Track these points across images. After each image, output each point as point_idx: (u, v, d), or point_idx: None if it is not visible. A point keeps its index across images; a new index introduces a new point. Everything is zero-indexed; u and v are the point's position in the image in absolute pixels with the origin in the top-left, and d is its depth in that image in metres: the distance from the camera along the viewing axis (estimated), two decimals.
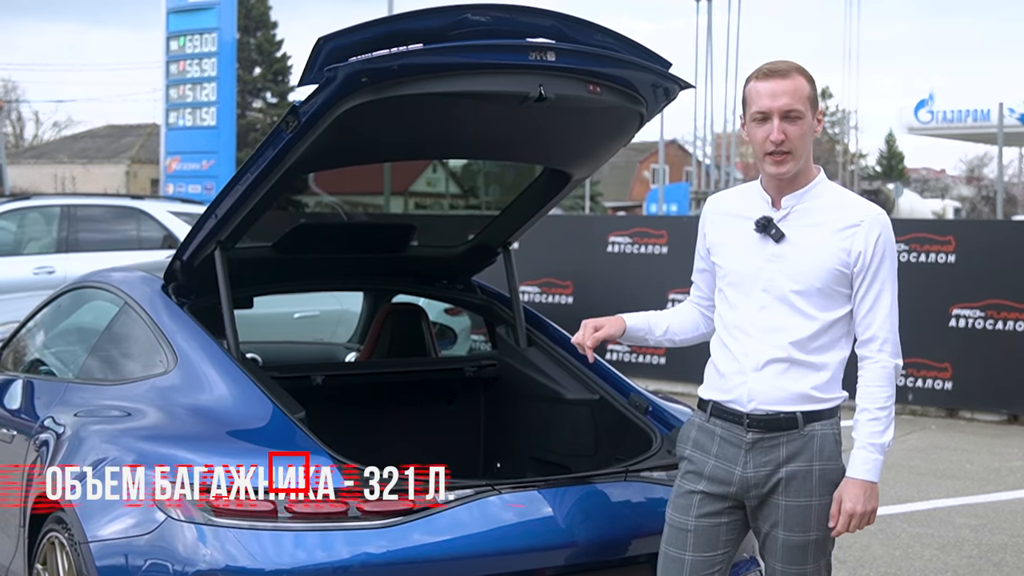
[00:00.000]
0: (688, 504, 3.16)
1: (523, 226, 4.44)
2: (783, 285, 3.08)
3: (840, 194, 3.15)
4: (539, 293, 12.09)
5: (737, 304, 3.14)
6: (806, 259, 3.06)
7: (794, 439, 3.08)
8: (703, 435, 3.18)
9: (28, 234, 12.36)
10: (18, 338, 4.91)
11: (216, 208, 3.71)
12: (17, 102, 54.10)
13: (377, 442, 4.34)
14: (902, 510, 6.97)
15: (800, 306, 3.07)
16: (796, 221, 3.09)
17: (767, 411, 3.08)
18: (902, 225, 11.66)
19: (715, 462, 3.14)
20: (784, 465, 3.08)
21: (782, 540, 3.09)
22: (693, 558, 3.14)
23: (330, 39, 3.23)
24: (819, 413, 3.11)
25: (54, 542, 3.54)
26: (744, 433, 3.10)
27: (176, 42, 20.24)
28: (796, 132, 3.04)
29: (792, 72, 3.06)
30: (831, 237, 3.06)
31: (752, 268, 3.12)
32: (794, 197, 3.10)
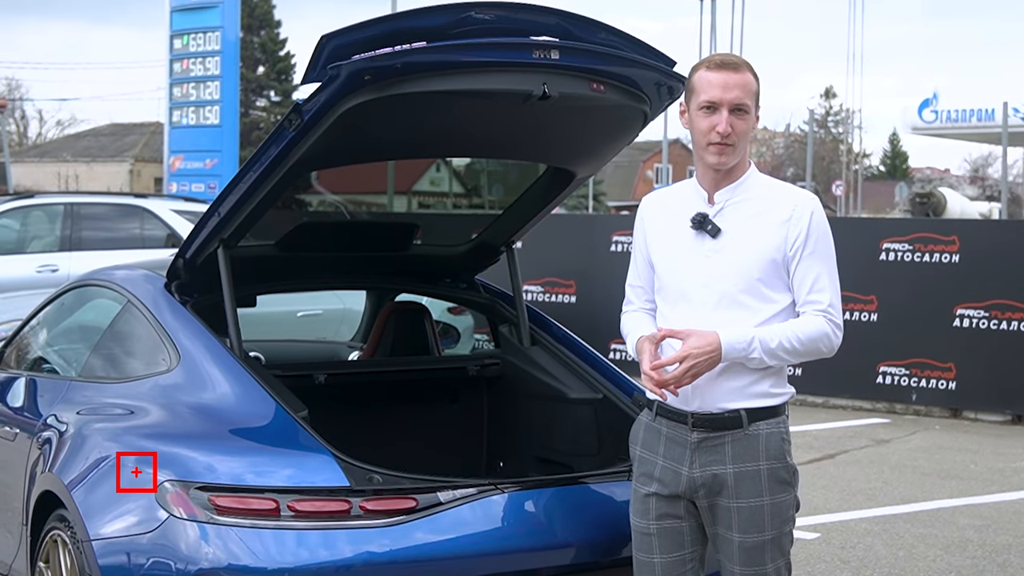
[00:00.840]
0: (646, 508, 3.17)
1: (526, 225, 4.43)
2: (722, 280, 3.09)
3: (771, 185, 3.19)
4: (542, 292, 12.08)
5: (677, 303, 3.15)
6: (744, 252, 3.08)
7: (739, 438, 3.08)
8: (650, 435, 3.19)
9: (31, 232, 12.37)
10: (21, 336, 4.91)
11: (219, 206, 3.71)
12: (21, 100, 54.21)
13: (380, 441, 4.34)
14: (906, 510, 6.96)
15: (740, 300, 3.08)
16: (732, 214, 3.12)
17: (711, 410, 3.08)
18: (906, 225, 11.66)
19: (663, 462, 3.14)
20: (730, 464, 3.07)
21: (738, 543, 3.08)
22: (662, 560, 3.16)
23: (333, 37, 3.23)
24: (764, 411, 3.10)
25: (56, 540, 3.54)
26: (689, 432, 3.10)
27: (180, 41, 20.24)
28: (742, 126, 3.08)
29: (743, 66, 3.11)
30: (766, 228, 3.09)
31: (691, 266, 3.13)
32: (728, 191, 3.13)
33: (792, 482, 3.14)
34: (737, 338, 3.01)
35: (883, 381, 10.30)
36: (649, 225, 3.25)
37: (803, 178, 46.22)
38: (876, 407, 10.34)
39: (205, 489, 3.20)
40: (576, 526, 3.45)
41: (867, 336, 10.33)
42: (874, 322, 10.36)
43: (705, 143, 3.09)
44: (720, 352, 3.01)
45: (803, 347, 3.06)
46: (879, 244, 10.36)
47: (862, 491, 7.45)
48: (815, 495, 7.28)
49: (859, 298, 10.41)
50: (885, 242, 10.35)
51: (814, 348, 3.08)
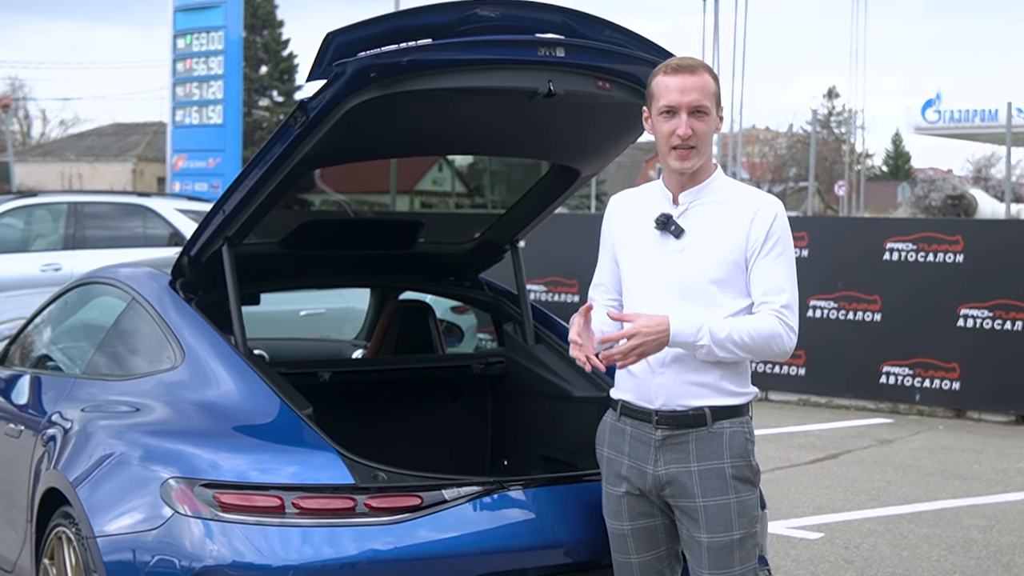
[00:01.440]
0: (619, 509, 3.20)
1: (531, 223, 4.44)
2: (684, 280, 3.10)
3: (735, 187, 3.20)
4: (545, 292, 12.08)
5: (640, 302, 3.16)
6: (706, 253, 3.10)
7: (703, 436, 3.09)
8: (615, 435, 3.21)
9: (35, 231, 12.38)
10: (25, 334, 4.91)
11: (224, 204, 3.71)
12: (24, 100, 54.23)
13: (384, 439, 4.34)
14: (910, 511, 6.95)
15: (702, 299, 3.09)
16: (695, 216, 3.13)
17: (675, 408, 3.10)
18: (910, 224, 11.65)
19: (629, 462, 3.16)
20: (695, 462, 3.08)
21: (706, 544, 3.07)
22: (640, 560, 3.19)
23: (339, 34, 3.23)
24: (728, 409, 3.11)
25: (61, 537, 3.54)
26: (653, 431, 3.12)
27: (183, 40, 20.27)
28: (702, 128, 3.09)
29: (700, 68, 3.11)
30: (729, 230, 3.10)
31: (654, 265, 3.15)
32: (692, 192, 3.14)
33: (755, 481, 3.15)
34: (686, 324, 3.02)
35: (887, 381, 10.29)
36: (615, 224, 3.29)
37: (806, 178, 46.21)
38: (880, 407, 10.33)
39: (210, 486, 3.20)
40: (579, 525, 3.45)
41: (871, 336, 10.33)
42: (878, 322, 10.35)
43: (668, 147, 3.11)
44: (668, 334, 3.00)
45: (754, 343, 3.05)
46: (883, 244, 10.36)
47: (866, 491, 7.45)
48: (819, 495, 7.28)
49: (863, 298, 10.41)
50: (889, 242, 10.34)
51: (765, 346, 3.06)
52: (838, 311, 10.52)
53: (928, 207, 25.98)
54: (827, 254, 10.58)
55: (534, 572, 3.40)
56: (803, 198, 48.48)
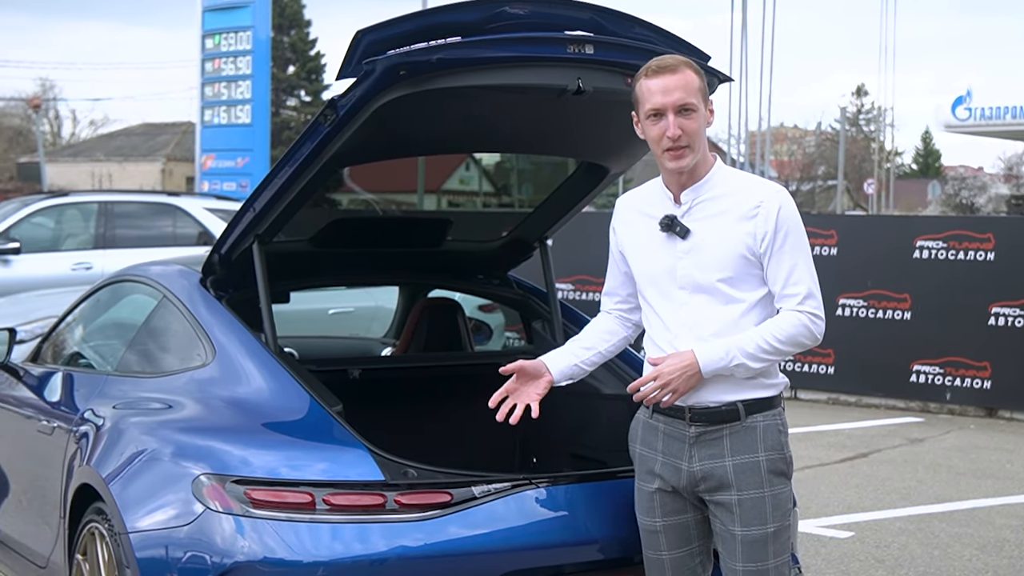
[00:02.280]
0: (652, 506, 3.21)
1: (560, 220, 4.43)
2: (697, 279, 3.11)
3: (736, 179, 3.17)
4: (573, 290, 12.07)
5: (658, 304, 3.18)
6: (714, 250, 3.09)
7: (737, 431, 3.10)
8: (648, 432, 3.23)
9: (66, 230, 12.48)
10: (57, 332, 4.95)
11: (254, 202, 3.72)
12: (55, 100, 54.64)
13: (413, 436, 4.34)
14: (941, 510, 6.91)
15: (718, 295, 3.10)
16: (699, 214, 3.13)
17: (708, 404, 3.11)
18: (941, 222, 11.57)
19: (663, 459, 3.18)
20: (729, 457, 3.09)
21: (740, 536, 3.08)
22: (671, 556, 3.20)
23: (368, 32, 3.23)
24: (760, 402, 3.12)
25: (94, 533, 3.56)
26: (687, 428, 3.13)
27: (211, 40, 20.38)
28: (691, 126, 3.07)
29: (681, 66, 3.10)
30: (734, 225, 3.09)
31: (665, 267, 3.16)
32: (693, 191, 3.13)
33: (789, 473, 3.16)
34: (713, 353, 3.05)
35: (917, 380, 10.23)
36: (621, 228, 3.30)
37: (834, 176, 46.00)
38: (910, 406, 10.27)
39: (241, 483, 3.21)
40: (610, 522, 3.44)
41: (901, 334, 10.27)
42: (908, 320, 10.29)
43: (661, 150, 3.10)
44: (698, 368, 3.05)
45: (783, 345, 3.07)
46: (913, 242, 10.29)
47: (896, 490, 7.40)
48: (848, 494, 7.24)
49: (893, 296, 10.35)
50: (919, 240, 10.28)
51: (795, 343, 3.08)
52: (868, 310, 10.46)
53: (959, 205, 25.81)
54: (857, 252, 10.52)
55: (563, 569, 3.39)
56: (832, 196, 48.24)
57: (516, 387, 3.38)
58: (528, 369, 3.39)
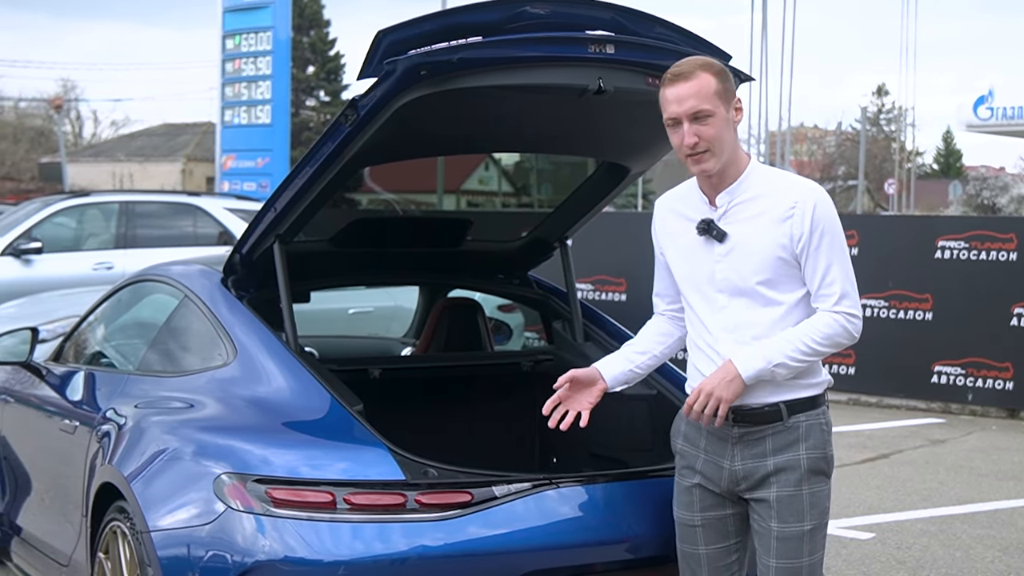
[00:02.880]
0: (691, 500, 3.22)
1: (580, 220, 4.43)
2: (736, 282, 3.11)
3: (772, 179, 3.15)
4: (592, 291, 12.06)
5: (698, 307, 3.19)
6: (752, 253, 3.09)
7: (779, 431, 3.11)
8: (692, 430, 3.24)
9: (87, 230, 12.53)
10: (79, 331, 4.97)
11: (275, 202, 3.73)
12: (76, 101, 54.92)
13: (434, 436, 4.34)
14: (963, 511, 6.87)
15: (758, 298, 3.10)
16: (734, 217, 3.12)
17: (751, 405, 3.11)
18: (962, 222, 11.51)
19: (705, 456, 3.19)
20: (771, 457, 3.10)
21: (776, 532, 3.09)
22: (707, 551, 3.21)
23: (389, 32, 3.23)
24: (802, 402, 3.12)
25: (116, 531, 3.58)
26: (731, 428, 3.14)
27: (232, 41, 20.44)
28: (709, 131, 3.06)
29: (695, 71, 3.07)
30: (771, 227, 3.08)
31: (704, 270, 3.16)
32: (728, 193, 3.12)
33: (829, 472, 3.15)
34: (752, 359, 3.06)
35: (938, 381, 10.18)
36: (660, 230, 3.30)
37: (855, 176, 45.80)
38: (931, 407, 10.22)
39: (262, 482, 3.22)
40: (630, 522, 3.44)
41: (922, 335, 10.22)
42: (929, 321, 10.24)
43: (683, 156, 3.12)
44: (737, 374, 3.05)
45: (821, 346, 3.07)
46: (935, 242, 10.24)
47: (917, 491, 7.37)
48: (870, 495, 7.21)
49: (914, 297, 10.30)
50: (941, 240, 10.23)
51: (833, 343, 3.09)
52: (889, 310, 10.42)
53: (981, 205, 25.66)
54: (877, 253, 10.48)
55: (584, 568, 3.39)
56: (852, 196, 48.04)
57: (569, 395, 3.40)
58: (581, 378, 3.41)
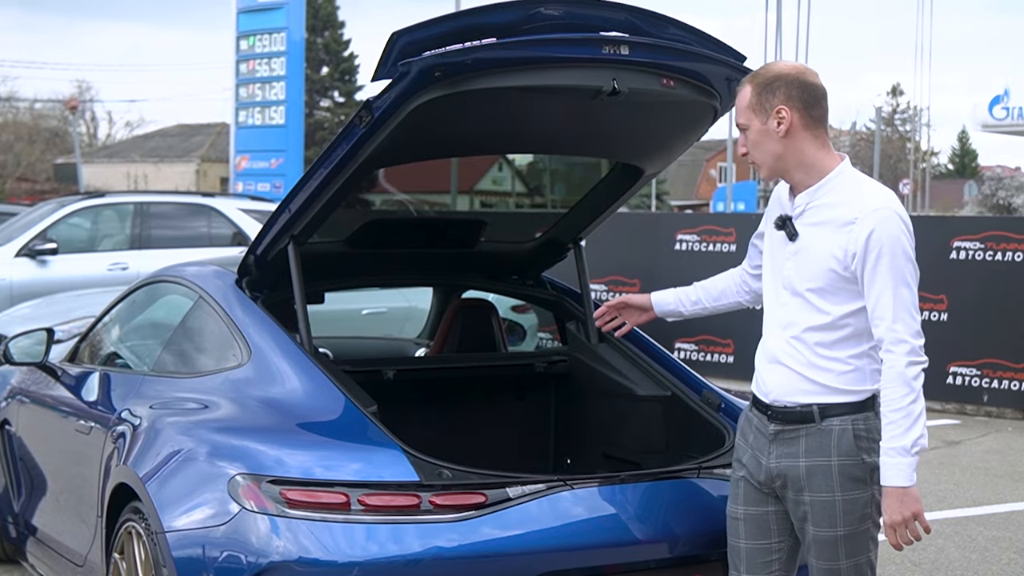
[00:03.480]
0: (736, 493, 3.27)
1: (594, 221, 4.43)
2: (796, 283, 3.14)
3: (851, 188, 3.11)
4: (606, 291, 12.05)
5: (768, 296, 3.27)
6: (811, 259, 3.11)
7: (812, 433, 3.11)
8: (746, 424, 3.30)
9: (102, 231, 12.56)
10: (94, 332, 4.99)
11: (290, 203, 3.74)
12: (91, 102, 55.11)
13: (448, 437, 4.35)
14: (978, 512, 6.85)
15: (813, 302, 3.11)
16: (809, 219, 3.14)
17: (785, 403, 3.14)
18: (978, 223, 11.47)
19: (750, 451, 3.24)
20: (803, 458, 3.11)
21: (812, 534, 3.12)
22: (747, 546, 3.23)
23: (404, 34, 3.23)
24: (837, 407, 3.11)
25: (131, 532, 3.59)
26: (768, 424, 3.18)
27: (246, 42, 20.47)
28: (748, 142, 3.17)
29: (743, 85, 3.20)
30: (829, 237, 3.08)
31: (776, 263, 3.22)
32: (807, 194, 3.14)
33: (867, 480, 3.11)
34: (896, 467, 3.00)
35: (953, 382, 10.14)
36: (767, 213, 3.35)
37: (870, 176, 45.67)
38: (946, 408, 10.18)
39: (276, 483, 3.22)
40: (644, 523, 3.44)
41: (937, 336, 10.16)
42: (944, 322, 10.21)
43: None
44: (903, 491, 3.00)
45: (907, 399, 2.99)
46: (950, 243, 10.20)
47: (932, 493, 7.34)
48: None
49: (929, 297, 10.25)
50: (956, 241, 10.19)
51: (911, 389, 3.00)
52: None
53: (996, 205, 25.54)
54: None
55: (598, 570, 3.39)
56: None
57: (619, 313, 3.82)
58: (634, 303, 3.79)
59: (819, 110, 3.12)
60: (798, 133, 3.10)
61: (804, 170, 3.13)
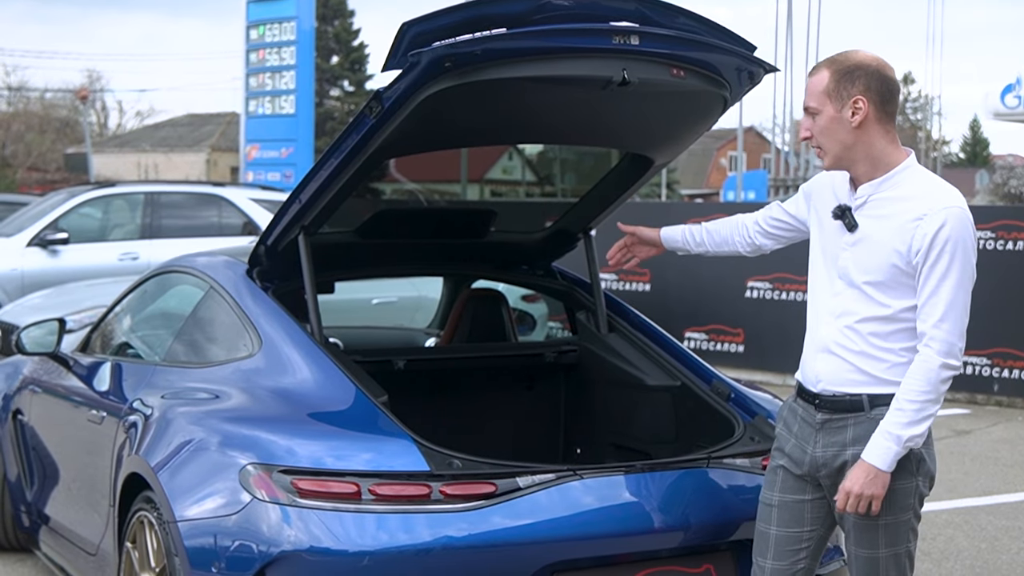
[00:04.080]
0: (773, 480, 3.26)
1: (604, 211, 4.43)
2: (854, 274, 3.11)
3: (921, 184, 3.08)
4: (616, 281, 12.04)
5: (816, 286, 3.24)
6: (872, 251, 3.08)
7: (861, 422, 3.10)
8: (790, 414, 3.28)
9: (113, 220, 12.60)
10: (106, 322, 5.01)
11: (300, 193, 3.74)
12: (102, 92, 55.16)
13: (458, 427, 4.36)
14: (988, 502, 6.84)
15: (870, 293, 3.09)
16: (871, 211, 3.11)
17: (834, 392, 3.13)
18: (986, 212, 11.43)
19: (794, 441, 3.23)
20: (850, 447, 3.10)
21: (852, 521, 3.12)
22: (778, 533, 3.23)
23: (414, 24, 3.24)
24: (886, 397, 3.09)
25: (143, 521, 3.61)
26: (815, 413, 3.17)
27: (256, 31, 20.47)
28: (815, 127, 3.13)
29: (819, 68, 3.14)
30: (894, 231, 3.05)
31: (831, 253, 3.19)
32: (872, 185, 3.11)
33: (913, 470, 3.10)
34: (879, 449, 3.00)
35: (964, 371, 10.11)
36: (814, 197, 3.32)
37: None
38: (956, 397, 10.17)
39: (288, 472, 3.23)
40: (654, 513, 3.44)
41: None
42: None
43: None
44: (876, 470, 3.00)
45: (927, 396, 2.99)
46: None
47: (942, 482, 7.33)
48: None
49: None
50: None
51: (935, 389, 3.00)
52: None
53: (1008, 194, 25.43)
54: None
55: (607, 559, 3.40)
56: None
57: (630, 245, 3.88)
58: (643, 236, 3.85)
59: (893, 105, 3.11)
60: (871, 126, 3.07)
61: (871, 162, 3.09)
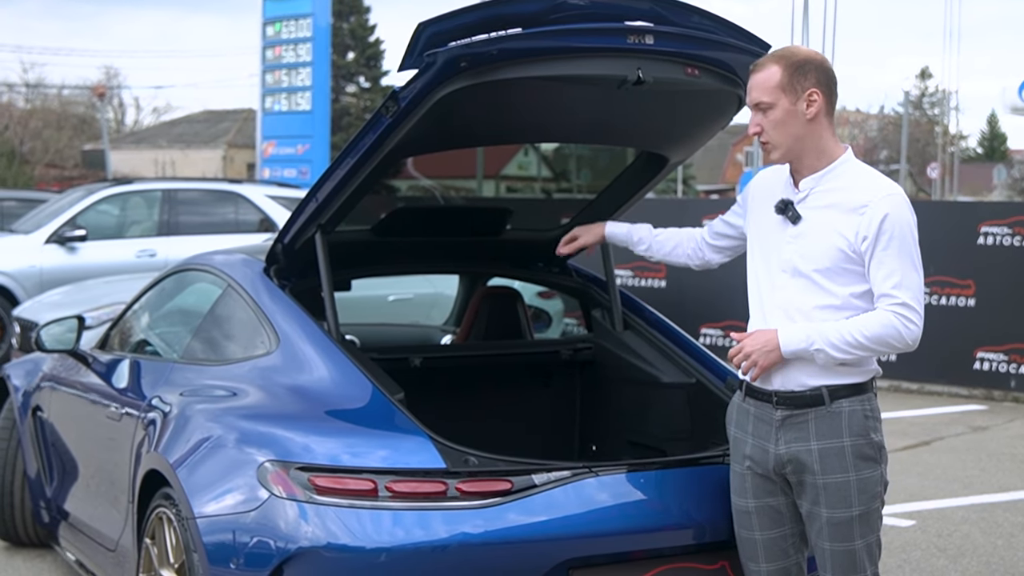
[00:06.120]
0: (743, 486, 3.29)
1: (619, 209, 4.43)
2: (797, 265, 3.18)
3: (858, 176, 3.19)
4: (632, 277, 12.05)
5: (761, 280, 3.29)
6: (817, 240, 3.15)
7: (822, 416, 3.14)
8: (741, 415, 3.31)
9: (130, 217, 12.65)
10: (124, 319, 5.04)
11: (317, 192, 3.77)
12: (119, 88, 55.35)
13: (474, 424, 4.38)
14: (1004, 499, 6.83)
15: (818, 281, 3.16)
16: (813, 203, 3.19)
17: (792, 388, 3.17)
18: (1005, 208, 11.39)
19: (752, 441, 3.26)
20: (815, 441, 3.14)
21: (826, 518, 3.14)
22: (763, 537, 3.27)
23: (430, 24, 3.25)
24: (846, 388, 3.15)
25: (162, 517, 3.64)
26: (773, 411, 3.20)
27: (272, 28, 20.52)
28: (767, 122, 3.17)
29: (766, 63, 3.19)
30: (840, 219, 3.13)
31: (774, 247, 3.25)
32: (813, 179, 3.19)
33: (877, 458, 3.18)
34: (794, 335, 3.12)
35: (980, 367, 10.10)
36: (752, 196, 3.40)
37: (897, 160, 45.40)
38: (973, 393, 10.15)
39: (305, 469, 3.26)
40: (669, 510, 3.46)
41: (964, 321, 10.14)
42: (971, 307, 10.16)
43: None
44: (777, 346, 3.13)
45: (869, 342, 3.09)
46: (977, 228, 10.15)
47: (958, 479, 7.33)
48: (910, 482, 7.18)
49: (956, 283, 10.22)
50: (983, 226, 10.13)
51: (882, 342, 3.10)
52: (930, 296, 10.34)
53: None
54: (919, 238, 10.37)
55: (623, 556, 3.41)
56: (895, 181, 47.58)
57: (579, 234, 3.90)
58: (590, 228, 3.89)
59: (835, 97, 3.23)
60: (821, 119, 3.18)
61: (817, 155, 3.19)
